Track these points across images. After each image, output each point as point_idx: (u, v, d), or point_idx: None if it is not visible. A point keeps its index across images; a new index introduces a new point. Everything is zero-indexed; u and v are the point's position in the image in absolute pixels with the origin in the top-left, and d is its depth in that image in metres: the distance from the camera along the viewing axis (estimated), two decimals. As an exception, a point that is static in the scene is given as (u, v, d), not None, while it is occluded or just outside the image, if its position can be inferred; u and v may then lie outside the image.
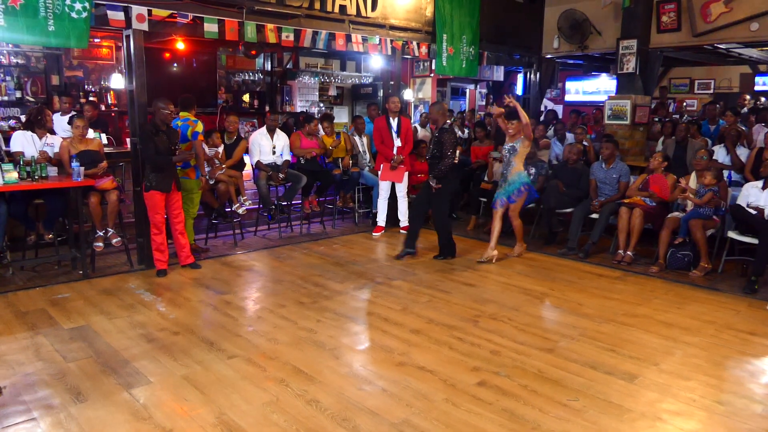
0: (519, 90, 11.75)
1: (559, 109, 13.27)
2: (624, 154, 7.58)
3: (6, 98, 7.62)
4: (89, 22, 5.08)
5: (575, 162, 7.00)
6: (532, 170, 7.24)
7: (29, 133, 5.64)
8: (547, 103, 12.20)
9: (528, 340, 4.14)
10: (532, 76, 9.89)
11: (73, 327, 4.21)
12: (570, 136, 8.27)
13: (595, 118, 10.09)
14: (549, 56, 9.68)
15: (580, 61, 10.72)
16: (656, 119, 9.33)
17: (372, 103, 9.36)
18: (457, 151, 6.10)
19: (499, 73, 12.30)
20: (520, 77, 11.63)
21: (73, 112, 6.60)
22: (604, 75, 12.73)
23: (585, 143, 7.78)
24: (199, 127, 6.04)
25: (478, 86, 12.88)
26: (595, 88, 13.33)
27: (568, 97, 13.71)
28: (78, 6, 4.97)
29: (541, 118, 10.13)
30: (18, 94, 7.72)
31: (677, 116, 10.71)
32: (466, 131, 9.45)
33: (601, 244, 6.55)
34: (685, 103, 12.69)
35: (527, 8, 9.51)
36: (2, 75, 7.73)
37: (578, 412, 3.16)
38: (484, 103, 12.57)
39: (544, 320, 4.67)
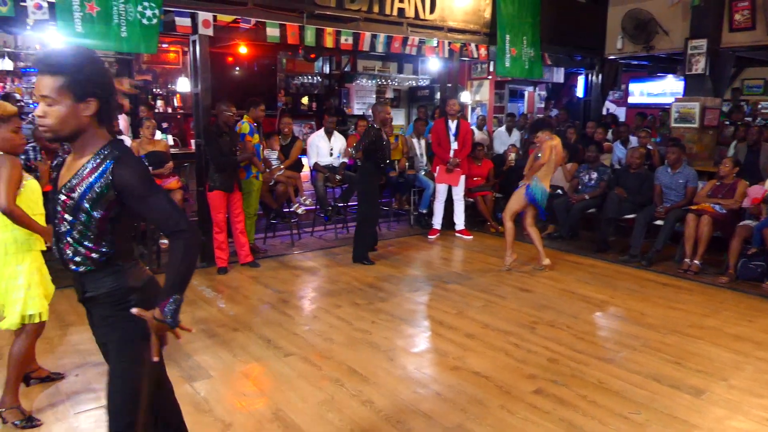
0: (580, 92, 11.48)
1: (622, 111, 12.87)
2: (691, 158, 7.26)
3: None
4: (158, 28, 5.29)
5: (638, 166, 6.77)
6: (594, 174, 7.05)
7: None
8: (609, 106, 11.85)
9: (587, 348, 4.03)
10: (593, 77, 9.63)
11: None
12: (633, 140, 8.01)
13: (660, 121, 9.73)
14: (612, 57, 9.39)
15: (645, 62, 10.34)
16: (727, 122, 8.91)
17: (421, 106, 9.37)
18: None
19: (559, 75, 12.04)
20: (581, 79, 11.36)
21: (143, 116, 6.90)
22: (670, 76, 12.23)
23: (649, 147, 7.52)
24: (245, 128, 6.14)
25: (537, 88, 12.65)
26: (660, 90, 12.85)
27: (631, 99, 13.26)
28: (149, 13, 5.19)
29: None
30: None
31: (749, 119, 10.19)
32: (519, 133, 9.29)
33: (666, 252, 6.29)
34: (759, 105, 12.04)
35: (589, 8, 9.27)
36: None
37: (641, 426, 3.05)
38: (543, 105, 12.32)
39: (604, 329, 4.53)
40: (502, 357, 3.87)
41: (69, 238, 1.86)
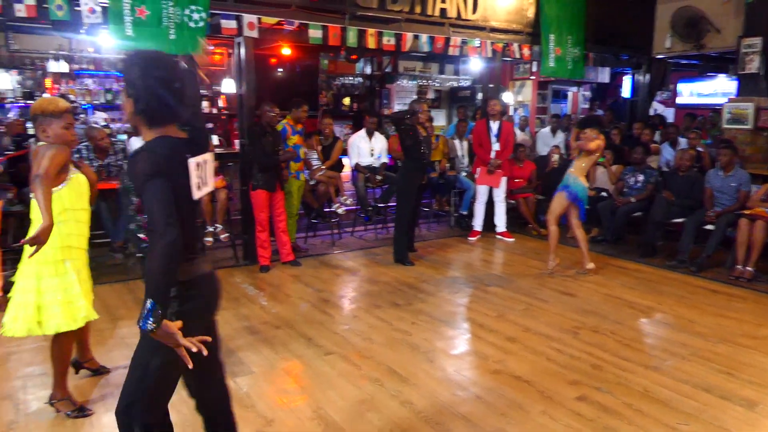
0: (626, 92, 11.20)
1: (670, 112, 12.49)
2: (744, 161, 6.99)
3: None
4: (205, 30, 5.41)
5: (688, 169, 6.56)
6: (641, 177, 6.87)
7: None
8: (657, 106, 11.51)
9: (632, 356, 3.93)
10: (640, 77, 9.38)
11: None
12: (683, 141, 7.77)
13: (711, 122, 9.41)
14: (660, 56, 9.12)
15: (695, 61, 10.01)
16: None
17: (461, 106, 9.29)
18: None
19: (604, 75, 11.76)
20: (627, 79, 11.08)
21: None
22: (722, 76, 11.81)
23: (699, 149, 7.28)
24: (278, 128, 6.18)
25: (581, 89, 12.40)
26: (711, 90, 12.41)
27: (680, 100, 12.85)
28: (196, 16, 5.31)
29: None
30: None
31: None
32: (563, 134, 9.12)
33: (716, 258, 6.08)
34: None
35: (637, 6, 9.01)
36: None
37: (689, 436, 2.96)
38: (587, 106, 12.07)
39: (651, 336, 4.41)
40: (544, 362, 3.81)
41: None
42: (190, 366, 1.88)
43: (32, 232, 2.90)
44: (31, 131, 6.40)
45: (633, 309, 4.88)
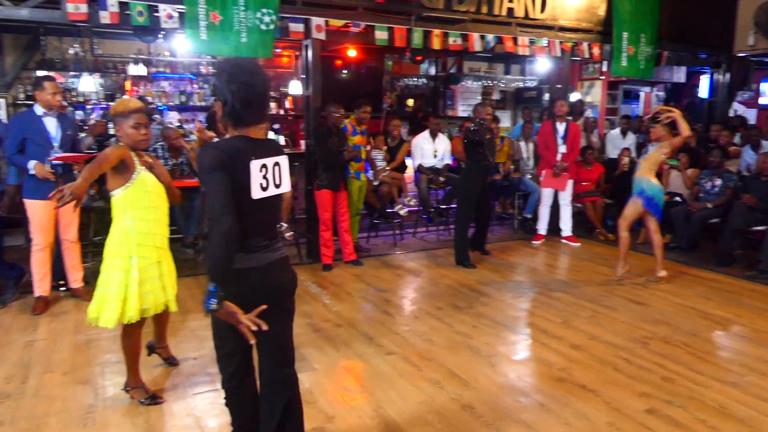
0: (704, 92, 10.67)
1: (752, 113, 11.81)
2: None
3: (203, 104, 8.60)
4: (275, 33, 5.55)
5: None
6: (718, 181, 6.53)
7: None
8: (737, 107, 10.90)
9: (707, 369, 3.74)
10: (720, 76, 8.92)
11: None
12: (766, 144, 7.32)
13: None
14: (742, 54, 8.64)
15: (782, 60, 9.44)
16: None
17: (526, 107, 9.11)
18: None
19: (680, 74, 11.25)
20: (704, 78, 10.55)
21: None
22: (811, 74, 11.07)
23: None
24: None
25: (654, 89, 11.91)
26: (798, 90, 11.65)
27: (762, 100, 12.12)
28: (266, 19, 5.46)
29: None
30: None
31: None
32: (634, 136, 8.78)
33: (802, 269, 5.70)
34: None
35: (716, 2, 8.58)
36: (200, 83, 8.75)
37: (769, 457, 2.79)
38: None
39: (728, 350, 4.18)
40: (611, 371, 3.69)
41: None
42: (251, 341, 2.05)
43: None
44: (112, 131, 6.77)
45: (708, 320, 4.65)
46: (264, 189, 2.14)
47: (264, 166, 2.13)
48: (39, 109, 4.52)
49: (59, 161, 4.47)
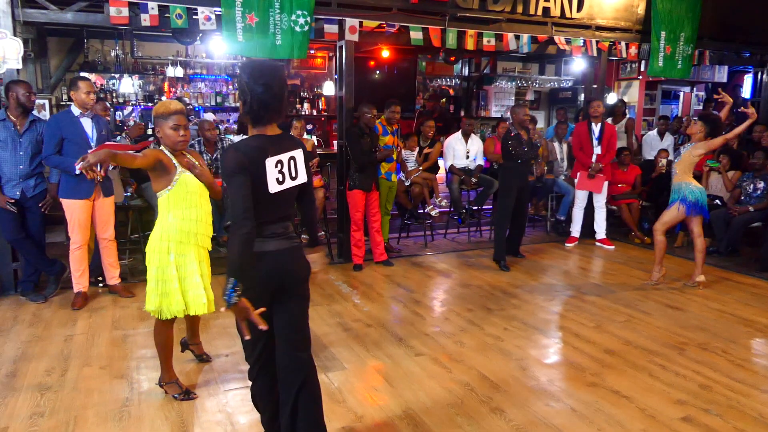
0: (747, 92, 10.35)
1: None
2: None
3: (238, 105, 8.73)
4: (309, 35, 5.61)
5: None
6: (761, 184, 6.33)
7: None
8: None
9: (747, 378, 3.63)
10: (765, 76, 8.63)
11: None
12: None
13: None
14: (788, 53, 8.36)
15: (831, 58, 9.07)
16: None
17: (560, 108, 8.98)
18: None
19: (721, 74, 10.93)
20: (748, 78, 10.24)
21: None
22: None
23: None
24: None
25: (695, 89, 11.60)
26: None
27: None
28: (301, 21, 5.52)
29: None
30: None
31: None
32: (672, 137, 8.56)
33: None
34: None
35: (762, -1, 8.32)
36: (236, 85, 8.88)
37: (812, 471, 2.69)
38: (701, 107, 11.26)
39: (769, 358, 4.05)
40: (646, 378, 3.61)
41: None
42: (247, 337, 2.25)
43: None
44: (149, 132, 6.93)
45: (748, 327, 4.51)
46: (280, 183, 2.30)
47: (279, 161, 2.29)
48: (75, 110, 4.64)
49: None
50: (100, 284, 5.10)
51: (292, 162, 2.33)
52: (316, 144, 7.44)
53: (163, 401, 3.25)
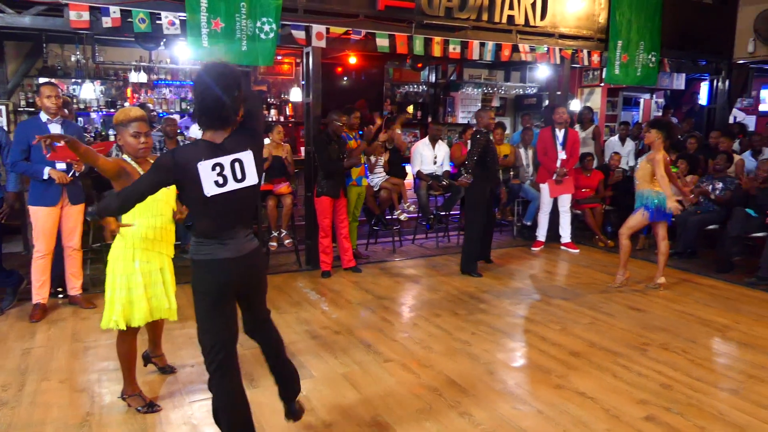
0: (704, 99, 10.68)
1: (752, 120, 11.83)
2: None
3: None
4: (276, 41, 5.58)
5: (766, 180, 6.15)
6: (719, 184, 6.54)
7: None
8: (737, 114, 10.92)
9: (706, 376, 3.73)
10: (720, 83, 8.94)
11: (249, 318, 4.64)
12: (766, 151, 7.33)
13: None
14: (742, 61, 8.68)
15: (781, 66, 9.46)
16: None
17: (525, 114, 9.13)
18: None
19: (679, 81, 11.27)
20: (704, 85, 10.57)
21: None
22: (810, 81, 11.10)
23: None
24: None
25: (654, 96, 11.93)
26: (798, 97, 11.67)
27: (762, 107, 12.15)
28: (267, 27, 5.49)
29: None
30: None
31: None
32: (633, 143, 8.79)
33: (802, 276, 5.69)
34: None
35: (717, 9, 8.62)
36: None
37: (768, 465, 2.78)
38: (660, 113, 11.59)
39: (726, 356, 4.17)
40: (610, 378, 3.68)
41: None
42: None
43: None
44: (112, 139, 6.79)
45: (707, 327, 4.64)
46: (220, 185, 2.32)
47: (218, 165, 2.30)
48: (44, 116, 4.55)
49: (57, 160, 4.45)
50: (60, 295, 4.96)
51: (237, 164, 2.34)
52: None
53: (126, 414, 3.18)
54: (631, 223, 5.54)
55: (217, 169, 2.30)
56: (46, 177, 4.47)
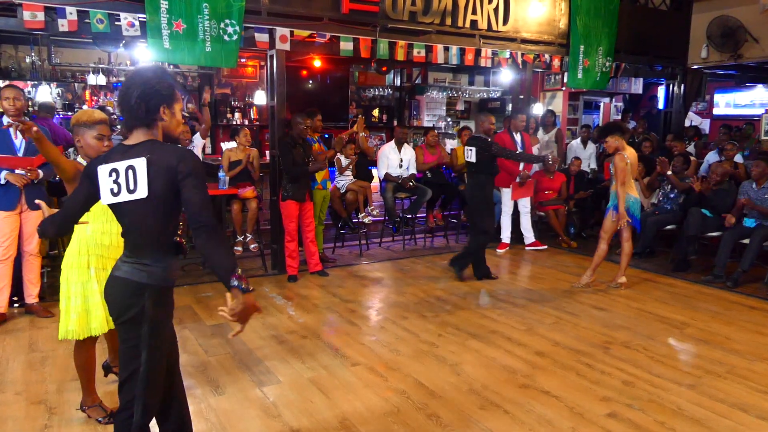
0: (660, 104, 11.02)
1: (707, 123, 12.24)
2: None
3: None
4: (239, 44, 5.52)
5: (719, 182, 6.37)
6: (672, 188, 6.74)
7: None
8: (692, 117, 11.29)
9: (665, 372, 3.83)
10: (675, 88, 9.23)
11: (214, 324, 4.57)
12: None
13: (745, 134, 9.19)
14: (696, 67, 8.97)
15: (733, 71, 9.81)
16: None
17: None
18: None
19: (637, 86, 11.60)
20: (661, 89, 10.90)
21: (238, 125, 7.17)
22: (760, 86, 11.53)
23: (738, 160, 7.09)
24: None
25: (613, 99, 12.24)
26: (749, 101, 12.13)
27: (716, 111, 12.59)
28: (230, 29, 5.42)
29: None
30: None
31: None
32: (594, 146, 8.99)
33: (754, 273, 5.91)
34: None
35: (671, 16, 8.90)
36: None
37: (724, 457, 2.87)
38: (620, 117, 11.90)
39: (684, 352, 4.29)
40: (574, 377, 3.75)
41: None
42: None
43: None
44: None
45: (666, 324, 4.77)
46: (115, 194, 2.08)
47: (114, 170, 2.07)
48: (5, 119, 4.43)
49: (15, 167, 4.38)
50: (16, 304, 4.79)
51: (129, 172, 2.04)
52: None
53: (85, 426, 3.09)
54: (606, 226, 5.64)
55: (113, 175, 2.07)
56: (3, 182, 4.37)
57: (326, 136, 7.08)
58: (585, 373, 3.81)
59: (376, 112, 10.58)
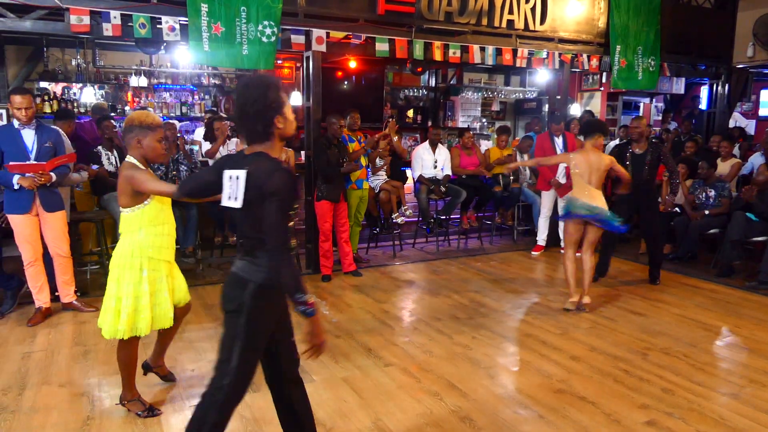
0: (703, 104, 10.70)
1: (752, 124, 11.84)
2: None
3: (202, 114, 8.64)
4: (276, 45, 5.59)
5: (763, 189, 6.13)
6: (712, 192, 6.54)
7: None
8: (737, 117, 10.93)
9: (707, 381, 3.72)
10: (719, 88, 8.96)
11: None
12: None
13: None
14: (741, 66, 8.69)
15: (781, 71, 9.48)
16: None
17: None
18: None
19: (679, 86, 11.29)
20: (704, 89, 10.58)
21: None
22: (809, 86, 11.12)
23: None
24: None
25: (654, 100, 11.95)
26: (797, 101, 11.69)
27: (763, 111, 12.17)
28: (268, 31, 5.50)
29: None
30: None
31: None
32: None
33: (802, 280, 5.69)
34: None
35: (716, 14, 8.65)
36: (202, 94, 8.79)
37: (770, 470, 2.77)
38: (660, 118, 11.61)
39: (728, 361, 4.16)
40: (611, 383, 3.67)
41: None
42: None
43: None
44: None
45: (708, 331, 4.63)
46: (228, 199, 2.24)
47: (230, 176, 2.22)
48: (17, 122, 4.44)
49: (16, 172, 4.36)
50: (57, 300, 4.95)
51: (236, 181, 2.20)
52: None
53: (126, 419, 3.17)
54: (575, 237, 5.18)
55: (229, 181, 2.23)
56: (17, 187, 4.38)
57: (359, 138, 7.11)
58: (623, 379, 3.73)
59: (410, 113, 10.57)
